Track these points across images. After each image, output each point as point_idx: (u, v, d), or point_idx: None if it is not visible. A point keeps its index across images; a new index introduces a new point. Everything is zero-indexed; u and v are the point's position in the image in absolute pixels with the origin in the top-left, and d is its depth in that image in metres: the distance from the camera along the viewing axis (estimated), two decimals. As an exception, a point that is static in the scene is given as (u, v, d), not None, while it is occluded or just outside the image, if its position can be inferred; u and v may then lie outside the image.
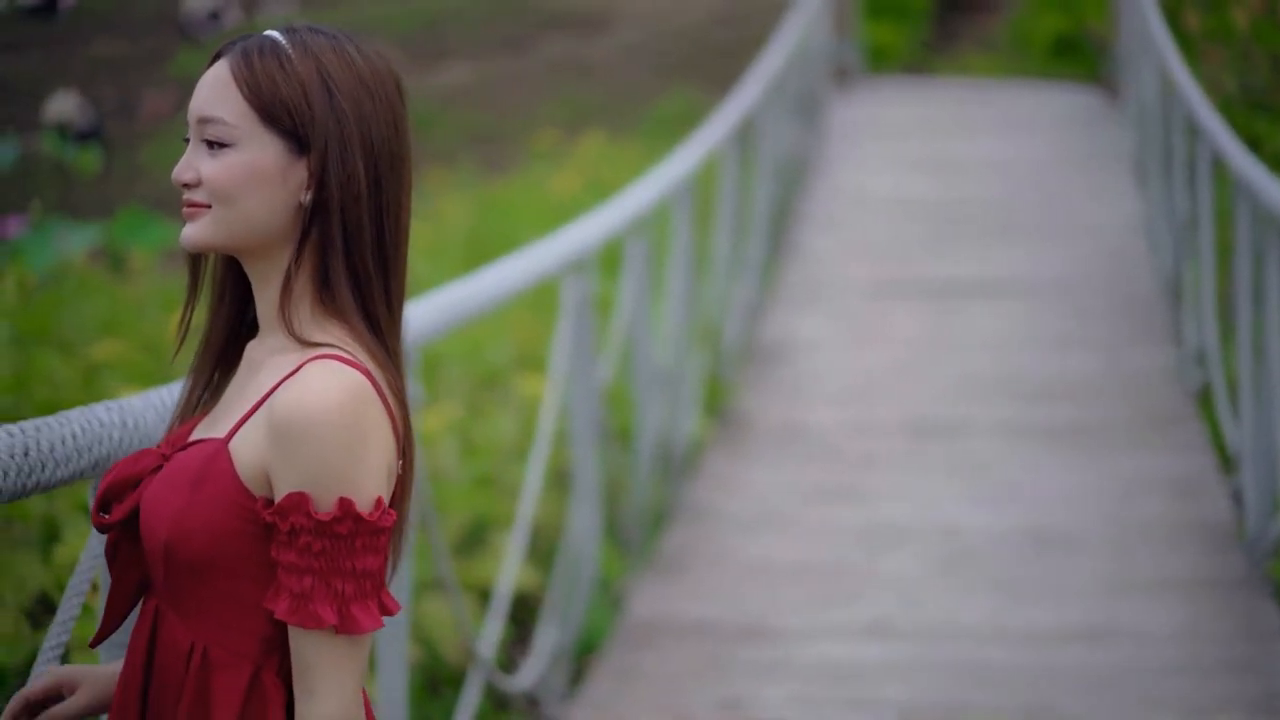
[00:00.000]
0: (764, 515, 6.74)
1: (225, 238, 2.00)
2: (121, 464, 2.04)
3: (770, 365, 8.81)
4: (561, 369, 5.45)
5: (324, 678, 1.92)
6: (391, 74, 2.05)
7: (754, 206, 10.02)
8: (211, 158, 1.98)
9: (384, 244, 2.01)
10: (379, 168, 2.00)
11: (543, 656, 5.10)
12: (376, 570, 1.94)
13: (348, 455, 1.91)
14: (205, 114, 1.99)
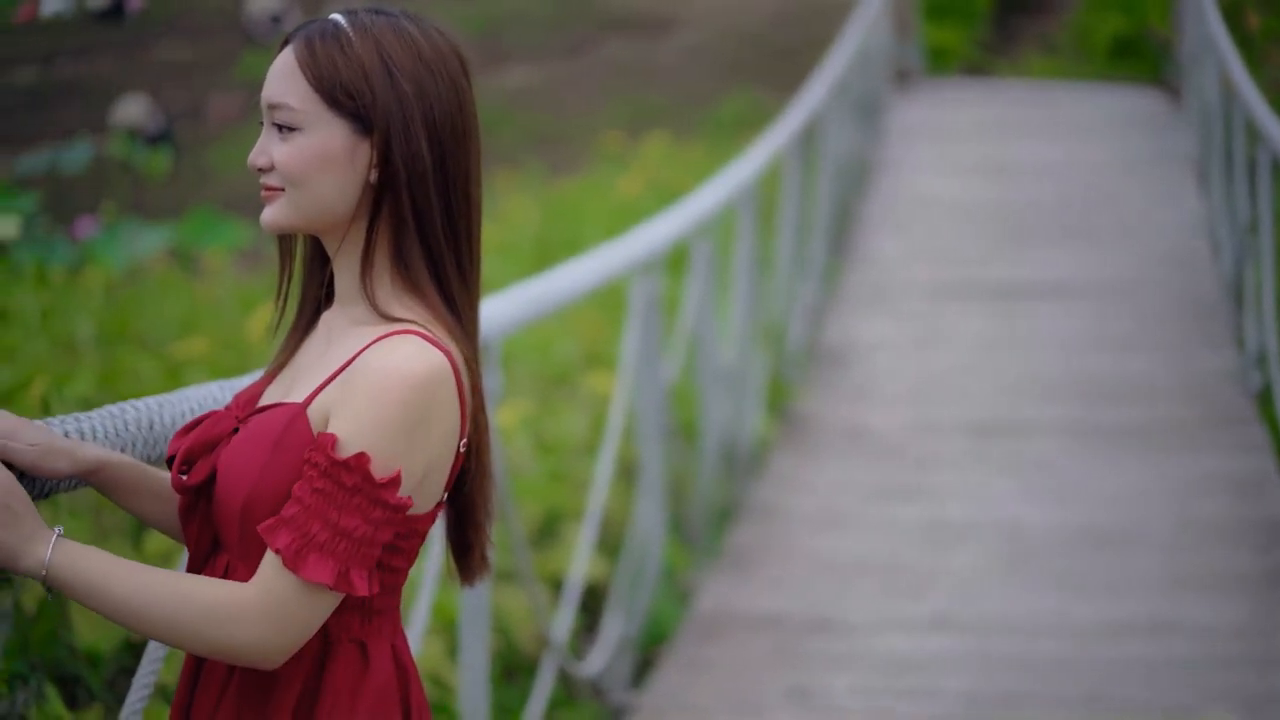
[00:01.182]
0: (828, 513, 6.86)
1: (300, 219, 2.04)
2: (199, 428, 2.08)
3: (833, 366, 8.92)
4: (629, 367, 5.58)
5: (257, 597, 1.94)
6: (454, 52, 2.08)
7: (816, 209, 10.13)
8: (282, 142, 2.02)
9: (454, 219, 2.04)
10: (444, 144, 2.03)
11: (609, 645, 5.24)
12: (358, 535, 1.94)
13: (401, 428, 1.95)
14: (273, 100, 2.03)
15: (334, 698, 2.02)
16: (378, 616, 2.05)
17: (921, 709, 5.08)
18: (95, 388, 5.86)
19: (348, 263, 2.06)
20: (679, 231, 6.17)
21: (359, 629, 2.03)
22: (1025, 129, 14.24)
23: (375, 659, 2.04)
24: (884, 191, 12.42)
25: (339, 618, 2.01)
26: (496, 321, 3.84)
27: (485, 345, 3.81)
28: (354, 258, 2.05)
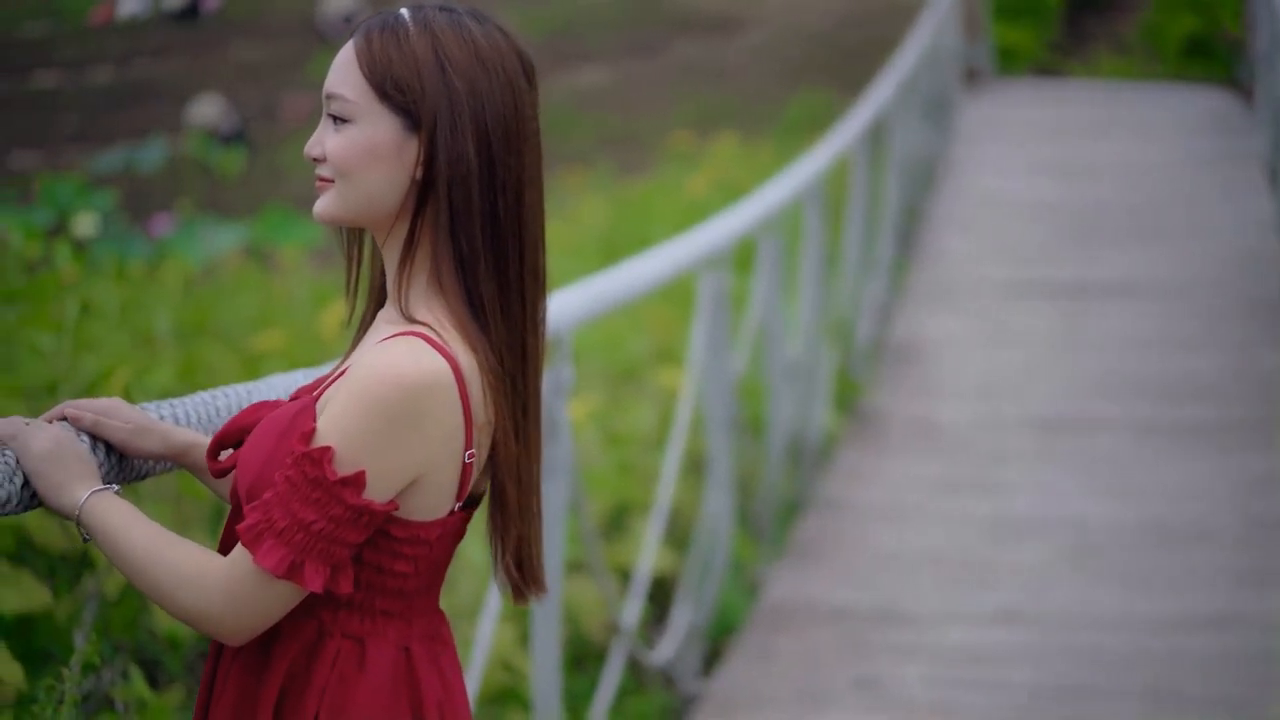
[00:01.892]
0: (895, 507, 6.92)
1: (348, 211, 2.02)
2: (239, 414, 2.09)
3: (900, 363, 8.97)
4: (698, 361, 5.66)
5: (223, 572, 1.94)
6: (516, 52, 2.03)
7: (884, 206, 10.18)
8: (335, 133, 2.00)
9: (499, 223, 2.00)
10: (493, 146, 1.99)
11: (678, 635, 5.32)
12: (316, 529, 1.91)
13: (374, 429, 1.92)
14: (330, 90, 2.01)
15: (322, 688, 2.00)
16: (382, 618, 2.01)
17: (987, 700, 5.13)
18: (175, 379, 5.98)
19: (391, 259, 2.04)
20: (747, 227, 6.24)
21: (357, 626, 2.01)
22: (1095, 129, 14.23)
23: (373, 660, 2.01)
24: (952, 190, 12.44)
25: (334, 611, 2.00)
26: (567, 314, 3.92)
27: (556, 338, 3.90)
28: (396, 255, 2.03)
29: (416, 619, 2.05)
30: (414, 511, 1.98)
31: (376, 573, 2.00)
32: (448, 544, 2.04)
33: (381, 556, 1.99)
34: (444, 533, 2.01)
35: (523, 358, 2.02)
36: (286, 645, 2.00)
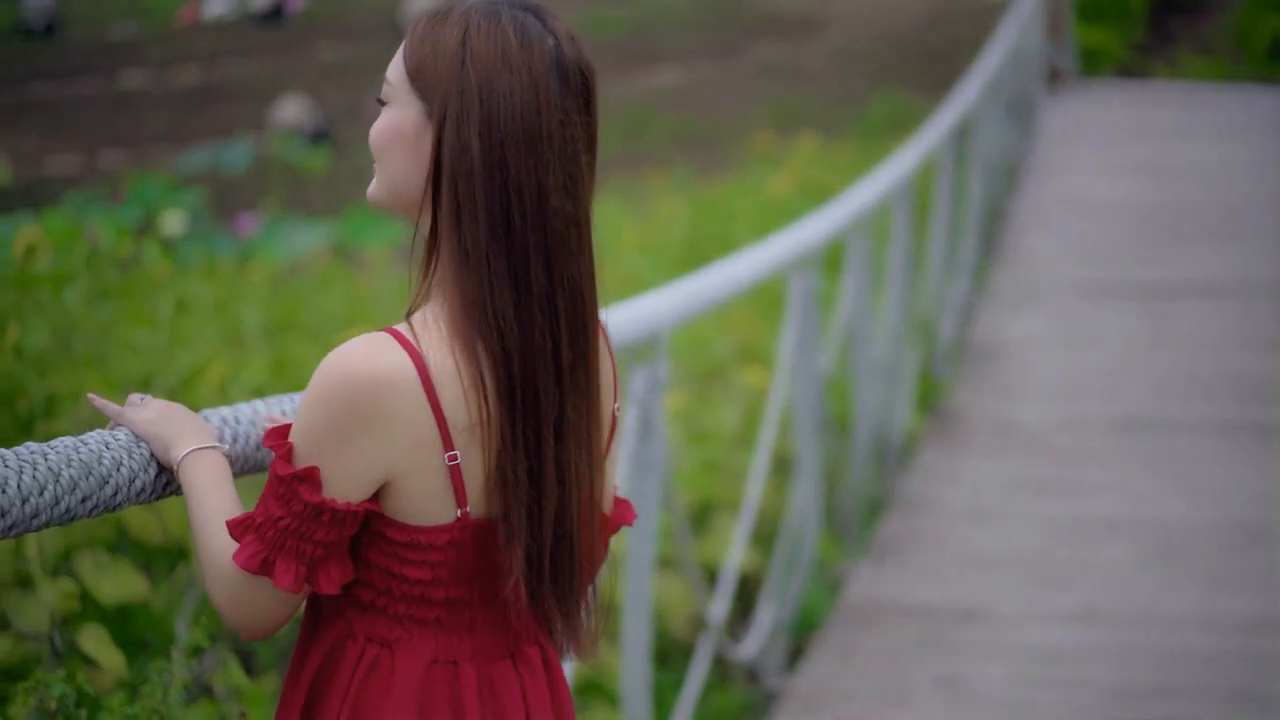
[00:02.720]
0: (977, 506, 6.95)
1: (383, 195, 1.98)
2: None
3: (982, 363, 8.99)
4: (787, 360, 5.72)
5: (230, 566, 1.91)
6: (551, 53, 1.94)
7: (968, 207, 10.20)
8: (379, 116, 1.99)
9: (512, 225, 1.90)
10: (505, 144, 1.90)
11: (763, 631, 5.38)
12: (283, 525, 1.88)
13: (323, 425, 1.87)
14: (386, 74, 2.01)
15: (345, 690, 1.97)
16: (412, 625, 1.96)
17: (1067, 700, 5.16)
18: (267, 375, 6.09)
19: (418, 252, 1.97)
20: (836, 227, 6.29)
21: (383, 631, 1.96)
22: (1178, 130, 14.17)
23: (401, 669, 1.96)
24: (1035, 191, 12.43)
25: (360, 613, 1.97)
26: (664, 314, 4.00)
27: (653, 337, 3.98)
28: (421, 248, 1.97)
29: (467, 634, 1.97)
30: (406, 515, 1.91)
31: (388, 576, 1.94)
32: (471, 551, 1.93)
33: (389, 560, 1.93)
34: (458, 539, 1.93)
35: (553, 366, 1.92)
36: (319, 645, 1.99)
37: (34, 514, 1.71)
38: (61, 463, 1.76)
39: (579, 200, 1.95)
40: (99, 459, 1.82)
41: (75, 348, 6.45)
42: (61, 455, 1.77)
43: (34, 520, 1.71)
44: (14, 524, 1.68)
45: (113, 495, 1.83)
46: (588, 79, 1.97)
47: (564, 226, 1.93)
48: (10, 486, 1.67)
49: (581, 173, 1.95)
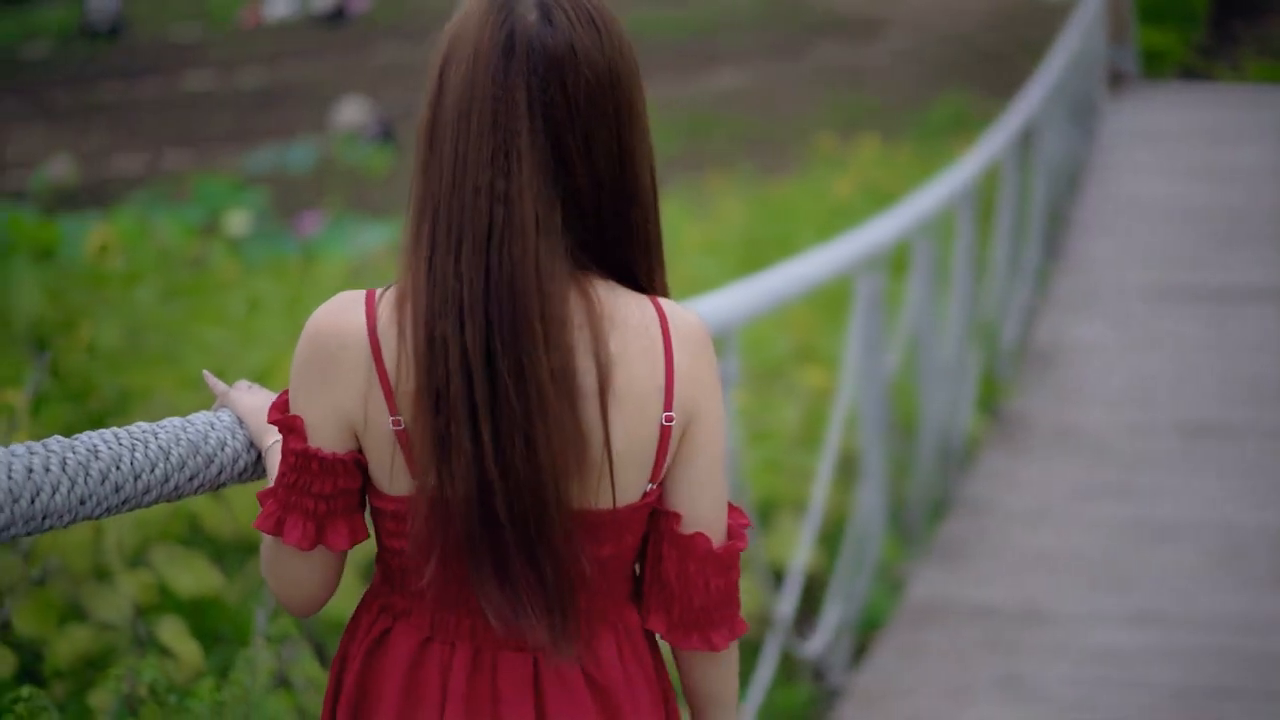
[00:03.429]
0: (1039, 509, 6.96)
1: None
2: None
3: (1045, 367, 9.00)
4: (853, 361, 5.75)
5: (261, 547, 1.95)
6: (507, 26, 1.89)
7: (1031, 211, 10.21)
8: None
9: (435, 196, 1.87)
10: (440, 118, 1.89)
11: (828, 629, 5.42)
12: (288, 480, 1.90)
13: (298, 376, 1.90)
14: None
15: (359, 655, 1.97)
16: (413, 598, 1.94)
17: (1128, 700, 5.18)
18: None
19: None
20: (902, 230, 6.32)
21: (396, 602, 1.96)
22: (1240, 133, 14.12)
23: (394, 643, 1.96)
24: (1097, 195, 12.42)
25: (382, 583, 1.97)
26: (731, 312, 4.06)
27: (722, 334, 4.03)
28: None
29: (466, 614, 1.93)
30: (379, 481, 1.91)
31: (381, 546, 1.95)
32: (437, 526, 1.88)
33: (377, 529, 1.94)
34: (412, 511, 1.89)
35: (459, 348, 1.84)
36: (353, 613, 2.01)
37: (145, 490, 1.77)
38: (171, 441, 1.82)
39: (512, 178, 1.86)
40: (205, 438, 1.88)
41: (147, 345, 6.56)
42: (170, 434, 1.83)
43: (145, 496, 1.77)
44: (127, 499, 1.74)
45: (217, 474, 1.90)
46: (550, 55, 1.87)
47: (489, 203, 1.85)
48: (124, 463, 1.74)
49: (521, 152, 1.86)
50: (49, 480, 1.66)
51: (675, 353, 1.93)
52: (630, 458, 1.91)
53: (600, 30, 1.90)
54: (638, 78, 1.94)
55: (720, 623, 1.98)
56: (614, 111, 1.90)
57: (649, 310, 1.94)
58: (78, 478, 1.70)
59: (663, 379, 1.92)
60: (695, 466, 1.97)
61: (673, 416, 1.93)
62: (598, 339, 1.87)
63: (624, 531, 1.94)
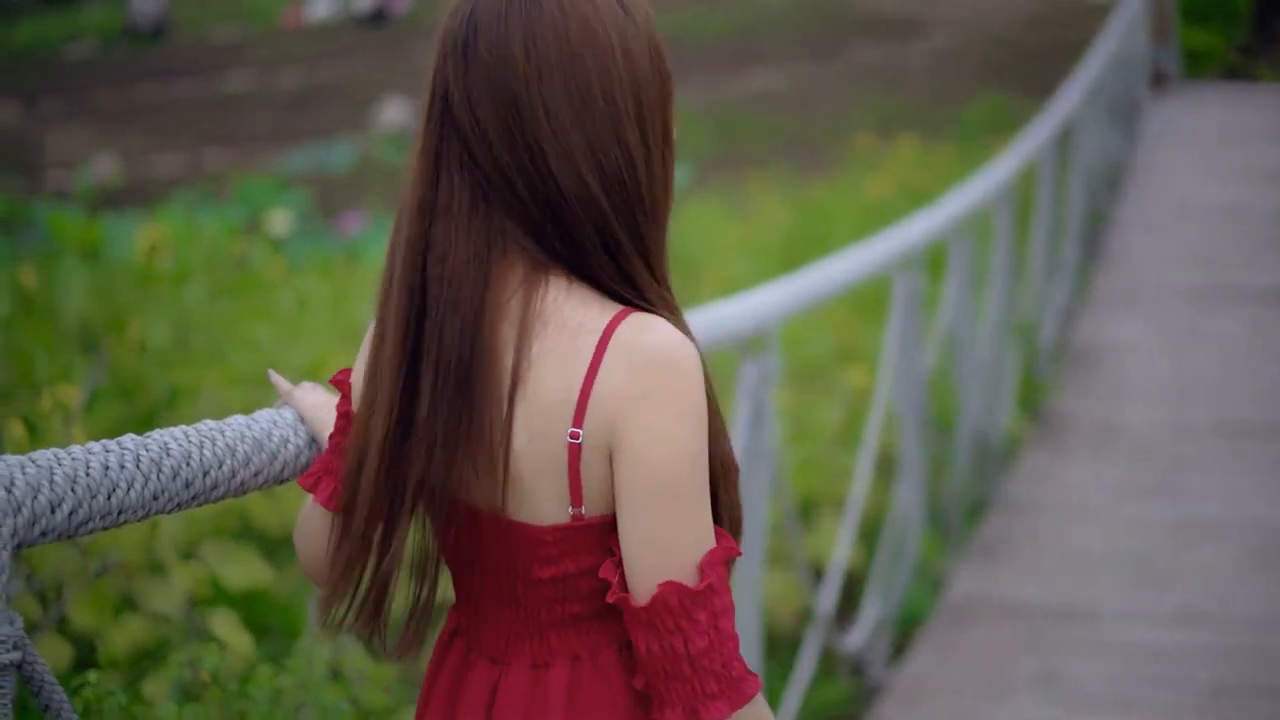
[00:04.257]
0: (1079, 508, 6.99)
1: None
2: None
3: (1084, 366, 9.03)
4: (891, 360, 5.80)
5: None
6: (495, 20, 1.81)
7: (1070, 210, 10.23)
8: None
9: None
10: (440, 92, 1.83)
11: (867, 625, 5.47)
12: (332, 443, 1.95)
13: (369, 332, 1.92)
14: None
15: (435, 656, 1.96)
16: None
17: (1166, 698, 5.21)
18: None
19: None
20: (940, 230, 6.37)
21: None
22: (1282, 134, 14.11)
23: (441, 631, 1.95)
24: (1138, 195, 12.43)
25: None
26: (771, 310, 4.11)
27: (763, 332, 4.09)
28: None
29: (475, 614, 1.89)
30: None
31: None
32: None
33: None
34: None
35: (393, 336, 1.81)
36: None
37: (214, 486, 1.84)
38: (236, 438, 1.89)
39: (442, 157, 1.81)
40: (269, 435, 1.95)
41: (195, 343, 6.65)
42: (235, 432, 1.90)
43: (213, 492, 1.84)
44: (196, 494, 1.81)
45: (280, 470, 1.96)
46: (473, 40, 1.81)
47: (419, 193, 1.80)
48: (194, 460, 1.80)
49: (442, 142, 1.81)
50: (124, 477, 1.73)
51: (604, 365, 1.75)
52: (542, 472, 1.77)
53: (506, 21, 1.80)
54: (548, 72, 1.78)
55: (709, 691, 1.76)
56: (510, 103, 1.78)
57: (601, 319, 1.77)
58: (151, 474, 1.76)
59: (577, 391, 1.75)
60: (626, 504, 1.76)
61: (579, 434, 1.75)
62: (521, 337, 1.76)
63: (563, 556, 1.79)
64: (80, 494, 1.66)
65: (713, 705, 1.75)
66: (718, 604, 1.75)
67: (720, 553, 1.76)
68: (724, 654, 1.74)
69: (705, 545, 1.76)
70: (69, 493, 1.64)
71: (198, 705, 2.53)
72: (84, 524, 1.67)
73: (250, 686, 2.60)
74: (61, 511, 1.63)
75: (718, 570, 1.75)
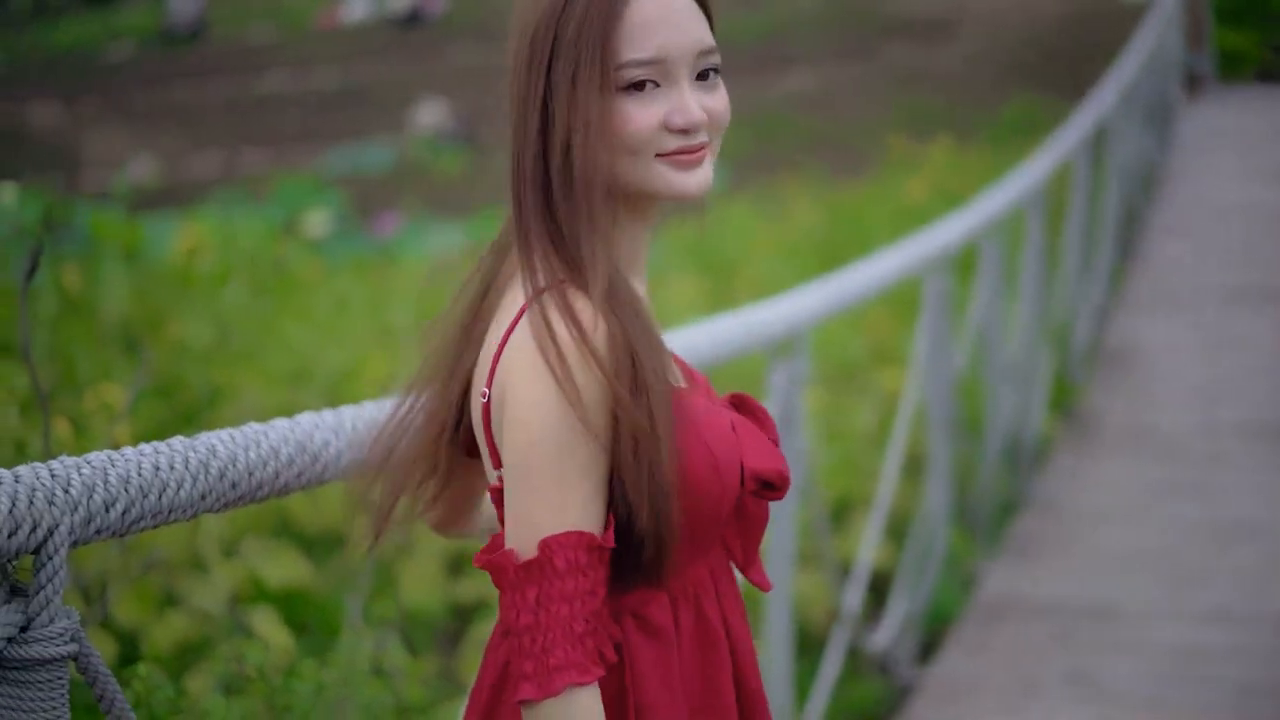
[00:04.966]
0: (1111, 508, 7.02)
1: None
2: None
3: (1117, 367, 9.05)
4: (920, 361, 5.85)
5: None
6: None
7: (1104, 212, 10.25)
8: (711, 90, 1.85)
9: None
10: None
11: (894, 624, 5.52)
12: None
13: None
14: (708, 44, 1.85)
15: None
16: None
17: (1197, 696, 5.23)
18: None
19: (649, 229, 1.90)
20: (970, 232, 6.41)
21: None
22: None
23: None
24: (1173, 196, 12.43)
25: None
26: (806, 311, 4.16)
27: (795, 334, 4.14)
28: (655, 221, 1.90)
29: None
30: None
31: None
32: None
33: None
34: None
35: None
36: None
37: (258, 486, 1.90)
38: (280, 441, 1.95)
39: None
40: (310, 438, 2.01)
41: (233, 344, 6.73)
42: (279, 434, 1.96)
43: (258, 492, 1.90)
44: (242, 494, 1.88)
45: (322, 471, 2.02)
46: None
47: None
48: (239, 461, 1.87)
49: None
50: (174, 477, 1.79)
51: (516, 331, 1.77)
52: (479, 430, 1.82)
53: None
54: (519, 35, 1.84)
55: (523, 671, 1.73)
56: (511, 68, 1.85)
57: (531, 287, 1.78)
58: (199, 475, 1.83)
59: (494, 352, 1.79)
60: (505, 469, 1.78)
61: (486, 393, 1.79)
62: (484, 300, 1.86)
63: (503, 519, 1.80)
64: (133, 494, 1.73)
65: (521, 685, 1.71)
66: (555, 586, 1.70)
67: (580, 538, 1.71)
68: (548, 638, 1.70)
69: (560, 526, 1.71)
70: (122, 492, 1.71)
71: (243, 699, 2.59)
72: (136, 522, 1.74)
73: (294, 681, 2.65)
74: (115, 510, 1.70)
75: (568, 554, 1.71)
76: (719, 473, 1.81)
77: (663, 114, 1.79)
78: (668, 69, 1.80)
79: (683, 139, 1.80)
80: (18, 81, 25.03)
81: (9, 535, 1.56)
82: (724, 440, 1.83)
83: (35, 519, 1.59)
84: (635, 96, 1.79)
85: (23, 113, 23.07)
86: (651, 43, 1.79)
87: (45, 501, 1.61)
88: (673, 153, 1.80)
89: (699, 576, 1.86)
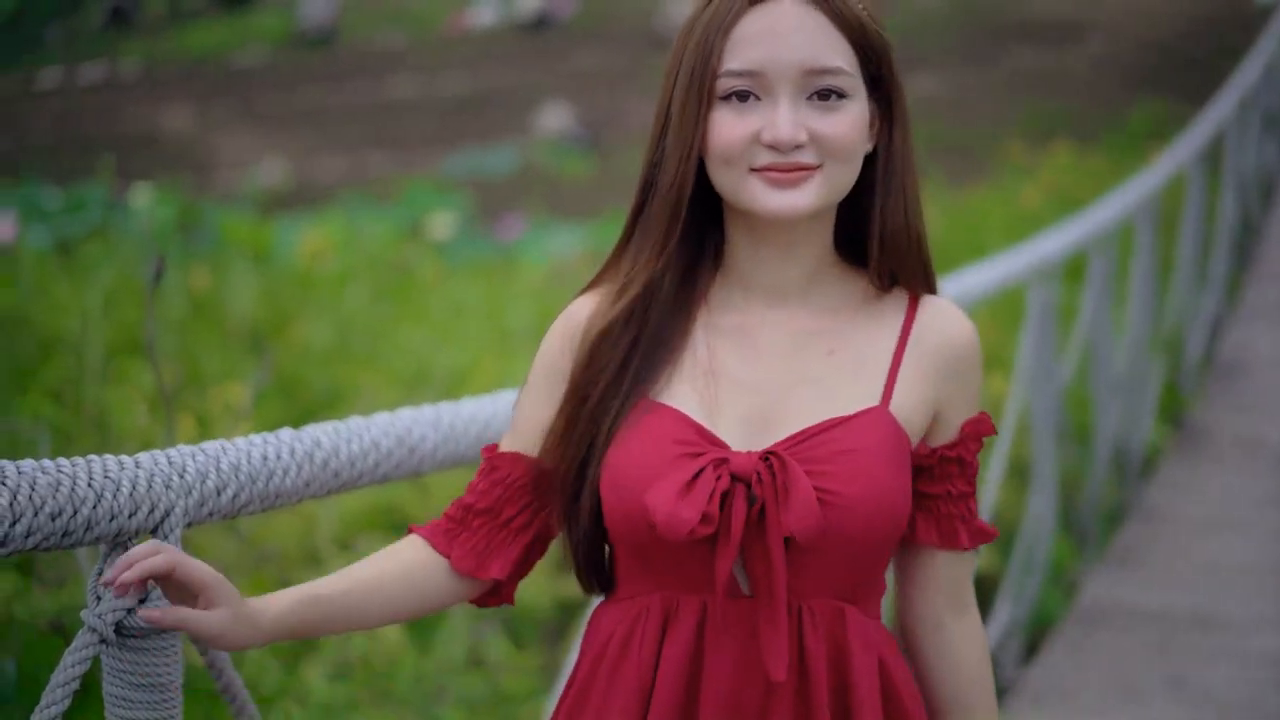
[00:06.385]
0: (1217, 519, 7.04)
1: (826, 200, 1.83)
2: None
3: (1229, 378, 9.03)
4: (1025, 369, 5.91)
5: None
6: None
7: (1220, 221, 10.21)
8: (827, 112, 1.81)
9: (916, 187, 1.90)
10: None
11: (999, 627, 5.59)
12: None
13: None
14: (824, 64, 1.81)
15: None
16: None
17: (1297, 705, 5.27)
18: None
19: (803, 249, 1.88)
20: (1078, 242, 6.45)
21: None
22: None
23: None
24: (1292, 205, 12.34)
25: None
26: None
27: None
28: (814, 242, 1.88)
29: None
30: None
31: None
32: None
33: None
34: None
35: None
36: None
37: (358, 476, 2.05)
38: (380, 434, 2.10)
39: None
40: (409, 431, 2.16)
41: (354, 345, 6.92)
42: (380, 428, 2.11)
43: (358, 481, 2.05)
44: (344, 483, 2.03)
45: (418, 463, 2.17)
46: None
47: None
48: (341, 453, 2.02)
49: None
50: (280, 466, 1.94)
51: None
52: None
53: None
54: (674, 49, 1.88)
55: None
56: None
57: None
58: (304, 464, 1.98)
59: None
60: None
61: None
62: None
63: None
64: (242, 480, 1.88)
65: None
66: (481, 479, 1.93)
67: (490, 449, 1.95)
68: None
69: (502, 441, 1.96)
70: (233, 478, 1.86)
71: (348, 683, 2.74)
72: (245, 506, 1.89)
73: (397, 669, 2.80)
74: (226, 494, 1.85)
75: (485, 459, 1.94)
76: (619, 493, 1.82)
77: (756, 127, 1.79)
78: (768, 83, 1.79)
79: (776, 155, 1.79)
80: (152, 85, 25.55)
81: (129, 515, 1.72)
82: (638, 467, 1.81)
83: (154, 501, 1.75)
84: (734, 107, 1.80)
85: (157, 115, 23.55)
86: (751, 55, 1.79)
87: (163, 485, 1.76)
88: (764, 168, 1.80)
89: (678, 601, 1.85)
